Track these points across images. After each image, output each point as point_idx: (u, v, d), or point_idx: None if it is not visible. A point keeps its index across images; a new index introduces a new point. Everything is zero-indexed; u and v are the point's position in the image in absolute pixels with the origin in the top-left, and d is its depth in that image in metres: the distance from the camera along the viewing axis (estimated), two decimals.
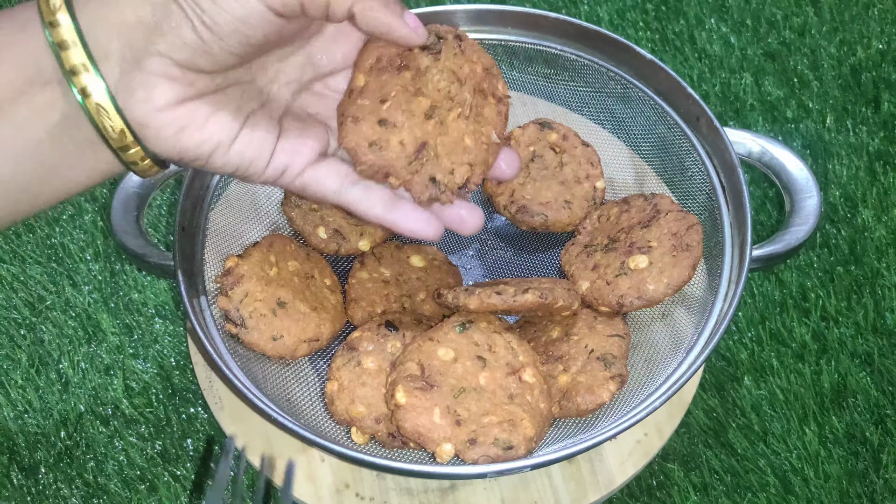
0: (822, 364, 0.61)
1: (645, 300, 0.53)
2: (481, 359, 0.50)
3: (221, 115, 0.39)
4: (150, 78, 0.37)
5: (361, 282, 0.58)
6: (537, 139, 0.62)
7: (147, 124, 0.38)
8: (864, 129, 0.71)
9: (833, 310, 0.63)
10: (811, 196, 0.58)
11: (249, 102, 0.41)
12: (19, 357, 0.61)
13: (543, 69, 0.63)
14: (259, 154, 0.41)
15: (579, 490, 0.54)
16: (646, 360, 0.54)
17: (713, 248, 0.56)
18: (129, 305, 0.63)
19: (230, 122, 0.40)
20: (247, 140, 0.40)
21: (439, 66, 0.43)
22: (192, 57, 0.37)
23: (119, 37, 0.37)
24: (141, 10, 0.36)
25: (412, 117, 0.43)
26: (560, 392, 0.51)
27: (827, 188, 0.68)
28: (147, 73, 0.37)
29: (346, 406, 0.50)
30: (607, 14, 0.76)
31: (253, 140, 0.41)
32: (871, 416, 0.59)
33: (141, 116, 0.38)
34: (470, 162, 0.44)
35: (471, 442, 0.47)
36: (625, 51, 0.60)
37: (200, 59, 0.37)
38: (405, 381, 0.48)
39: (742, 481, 0.57)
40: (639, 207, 0.58)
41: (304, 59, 0.43)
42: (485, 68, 0.45)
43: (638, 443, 0.55)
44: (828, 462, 0.57)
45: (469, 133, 0.44)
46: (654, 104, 0.60)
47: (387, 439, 0.50)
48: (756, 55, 0.74)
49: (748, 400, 0.60)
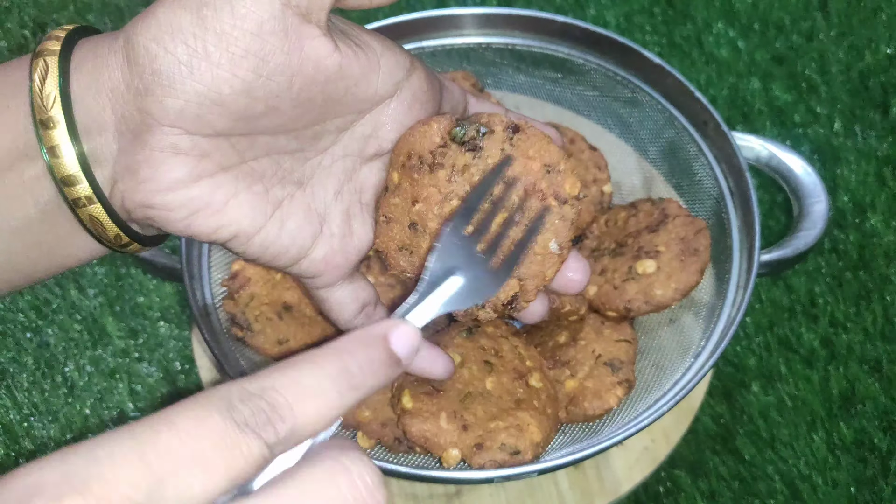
0: (830, 370, 0.60)
1: (653, 305, 0.53)
2: (488, 363, 0.50)
3: (245, 199, 0.34)
4: (153, 154, 0.31)
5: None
6: None
7: (152, 206, 0.32)
8: (872, 134, 0.70)
9: (841, 316, 0.63)
10: (819, 201, 0.58)
11: (284, 182, 0.35)
12: (25, 360, 0.61)
13: (551, 73, 0.63)
14: (287, 250, 0.36)
15: (586, 496, 0.54)
16: (653, 366, 0.54)
17: (721, 253, 0.56)
18: (135, 309, 0.63)
19: (255, 210, 0.34)
20: (274, 232, 0.35)
21: (480, 164, 0.38)
22: (200, 115, 0.31)
23: (112, 106, 0.31)
24: (128, 72, 0.31)
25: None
26: (567, 397, 0.51)
27: (835, 193, 0.68)
28: (149, 149, 0.31)
29: (352, 410, 0.50)
30: (614, 18, 0.76)
31: (282, 235, 0.35)
32: (879, 423, 0.59)
33: (143, 199, 0.32)
34: (518, 276, 0.39)
35: (477, 447, 0.46)
36: (632, 54, 0.60)
37: (211, 115, 0.31)
38: (412, 386, 0.48)
39: (750, 488, 0.57)
40: (646, 212, 0.57)
41: (371, 129, 0.37)
42: (545, 165, 0.38)
43: (645, 449, 0.55)
44: (836, 469, 0.57)
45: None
46: (661, 108, 0.60)
47: (393, 444, 0.50)
48: (764, 59, 0.74)
49: (756, 406, 0.59)
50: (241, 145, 0.33)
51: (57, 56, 0.31)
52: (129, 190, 0.32)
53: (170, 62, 0.30)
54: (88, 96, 0.31)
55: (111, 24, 0.74)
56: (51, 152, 0.31)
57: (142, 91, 0.31)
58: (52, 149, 0.31)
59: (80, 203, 0.32)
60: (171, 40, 0.30)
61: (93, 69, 0.32)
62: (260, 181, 0.34)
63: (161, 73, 0.30)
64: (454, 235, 0.36)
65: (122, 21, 0.75)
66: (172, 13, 0.31)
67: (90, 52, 0.32)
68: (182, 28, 0.30)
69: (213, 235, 0.34)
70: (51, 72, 0.31)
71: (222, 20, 0.30)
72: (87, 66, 0.32)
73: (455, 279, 0.35)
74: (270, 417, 0.23)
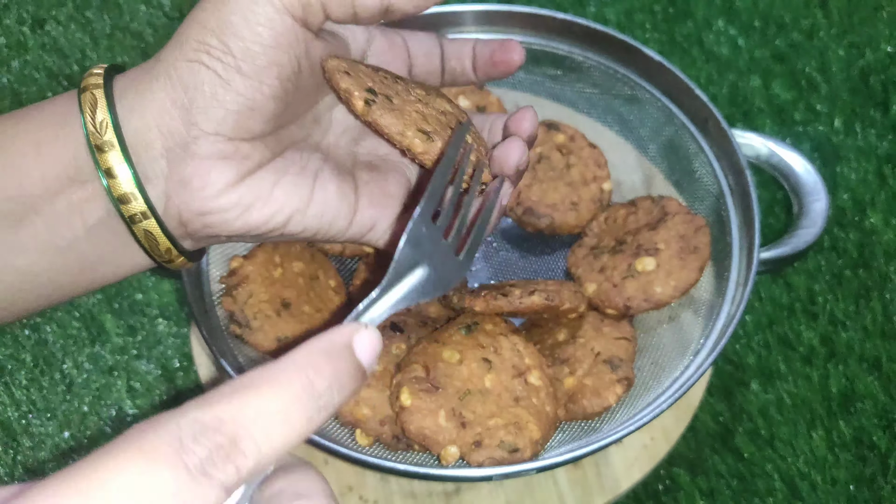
0: (829, 368, 0.60)
1: (652, 303, 0.53)
2: (487, 361, 0.49)
3: (287, 181, 0.37)
4: (202, 163, 0.35)
5: (366, 283, 0.58)
6: (544, 140, 0.62)
7: (209, 212, 0.36)
8: (872, 132, 0.70)
9: (841, 314, 0.62)
10: (819, 199, 0.58)
11: (313, 160, 0.39)
12: (23, 357, 0.61)
13: (550, 70, 0.62)
14: (338, 213, 0.38)
15: (585, 494, 0.54)
16: (652, 363, 0.53)
17: (721, 251, 0.56)
18: (133, 307, 0.63)
19: (299, 187, 0.37)
20: (321, 201, 0.38)
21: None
22: (239, 121, 0.35)
23: (158, 125, 0.35)
24: (172, 91, 0.34)
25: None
26: (566, 395, 0.51)
27: (835, 191, 0.67)
28: (198, 159, 0.35)
29: (351, 408, 0.50)
30: (614, 15, 0.76)
31: (328, 200, 0.38)
32: (879, 421, 0.59)
33: (201, 207, 0.35)
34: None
35: (476, 444, 0.46)
36: (632, 52, 0.60)
37: (249, 120, 0.35)
38: (410, 383, 0.48)
39: (749, 486, 0.57)
40: (646, 209, 0.57)
41: None
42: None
43: (644, 447, 0.55)
44: (835, 467, 0.57)
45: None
46: (661, 106, 0.60)
47: (391, 441, 0.50)
48: (764, 57, 0.74)
49: (755, 404, 0.59)
50: (269, 142, 0.37)
51: (102, 88, 0.35)
52: (185, 202, 0.35)
53: (210, 76, 0.34)
54: (135, 119, 0.35)
55: (110, 21, 0.74)
56: (107, 173, 0.34)
57: (187, 105, 0.34)
58: (108, 170, 0.34)
59: (136, 219, 0.35)
60: (208, 58, 0.34)
61: (136, 95, 0.35)
62: (294, 165, 0.38)
63: (203, 87, 0.34)
64: (421, 224, 0.34)
65: (121, 18, 0.74)
66: (202, 36, 0.34)
67: (131, 83, 0.36)
68: (211, 47, 0.34)
69: (270, 223, 0.37)
70: (99, 102, 0.35)
71: (244, 38, 0.34)
72: (129, 94, 0.35)
73: (420, 270, 0.33)
74: (230, 454, 0.20)
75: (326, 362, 0.24)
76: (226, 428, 0.20)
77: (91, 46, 0.73)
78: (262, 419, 0.21)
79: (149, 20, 0.75)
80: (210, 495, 0.20)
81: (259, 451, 0.21)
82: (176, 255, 0.38)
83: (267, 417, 0.21)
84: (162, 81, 0.35)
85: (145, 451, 0.19)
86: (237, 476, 0.20)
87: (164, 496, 0.19)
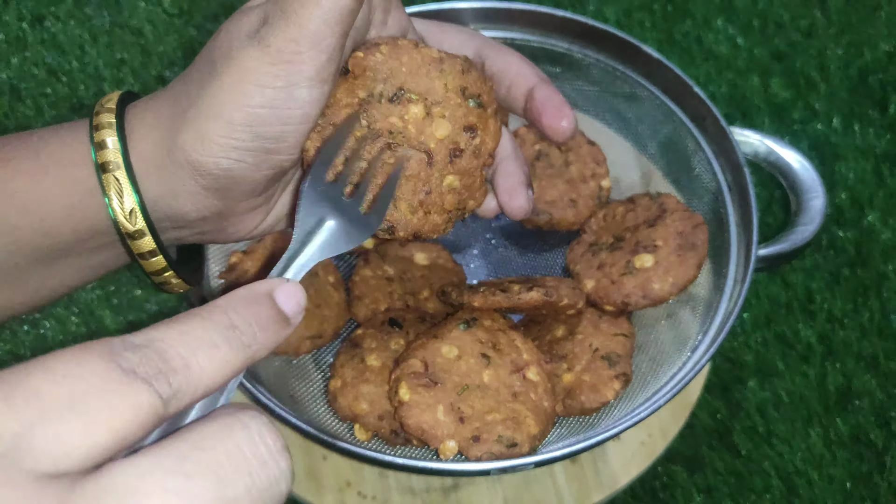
0: (827, 366, 0.61)
1: (650, 299, 0.53)
2: (485, 356, 0.50)
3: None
4: (237, 218, 0.37)
5: (365, 279, 0.58)
6: (543, 137, 0.62)
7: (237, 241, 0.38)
8: (871, 132, 0.70)
9: (839, 312, 0.63)
10: (817, 196, 0.58)
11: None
12: (23, 353, 0.61)
13: (550, 67, 0.62)
14: None
15: (583, 491, 0.54)
16: (650, 360, 0.54)
17: (719, 248, 0.56)
18: (132, 302, 0.63)
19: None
20: None
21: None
22: (268, 185, 0.36)
23: (195, 206, 0.36)
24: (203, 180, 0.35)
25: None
26: (564, 390, 0.51)
27: (833, 190, 0.68)
28: (234, 216, 0.37)
29: (349, 403, 0.50)
30: (614, 14, 0.76)
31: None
32: (875, 419, 0.59)
33: (228, 240, 0.39)
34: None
35: (474, 439, 0.46)
36: (632, 50, 0.60)
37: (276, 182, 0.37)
38: (409, 378, 0.48)
39: (746, 483, 0.57)
40: (644, 206, 0.57)
41: None
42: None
43: (642, 444, 0.55)
44: (832, 464, 0.57)
45: None
46: (660, 103, 0.60)
47: (390, 436, 0.50)
48: (763, 56, 0.74)
49: (753, 402, 0.59)
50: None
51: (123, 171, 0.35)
52: (214, 239, 0.38)
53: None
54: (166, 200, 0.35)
55: (109, 17, 0.74)
56: (140, 256, 0.36)
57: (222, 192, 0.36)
58: (140, 255, 0.36)
59: (158, 273, 0.37)
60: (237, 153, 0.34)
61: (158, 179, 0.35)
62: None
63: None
64: (315, 183, 0.36)
65: (120, 14, 0.75)
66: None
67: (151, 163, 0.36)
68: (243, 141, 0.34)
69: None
70: (125, 189, 0.35)
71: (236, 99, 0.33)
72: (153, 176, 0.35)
73: (327, 224, 0.35)
74: (161, 367, 0.21)
75: (245, 305, 0.25)
76: (155, 345, 0.21)
77: (90, 43, 0.73)
78: (189, 341, 0.22)
79: (148, 17, 0.75)
80: (143, 395, 0.20)
81: (188, 369, 0.22)
82: (178, 283, 0.39)
83: (193, 341, 0.22)
84: (189, 171, 0.35)
85: (80, 348, 0.20)
86: (169, 388, 0.21)
87: (96, 384, 0.19)
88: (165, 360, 0.21)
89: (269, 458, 0.21)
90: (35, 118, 0.69)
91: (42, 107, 0.70)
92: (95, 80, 0.71)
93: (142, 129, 0.35)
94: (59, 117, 0.69)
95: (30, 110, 0.69)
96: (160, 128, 0.34)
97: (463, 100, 0.38)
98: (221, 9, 0.76)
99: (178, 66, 0.72)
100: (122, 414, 0.19)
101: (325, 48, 0.32)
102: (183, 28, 0.74)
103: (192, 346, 0.22)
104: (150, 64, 0.72)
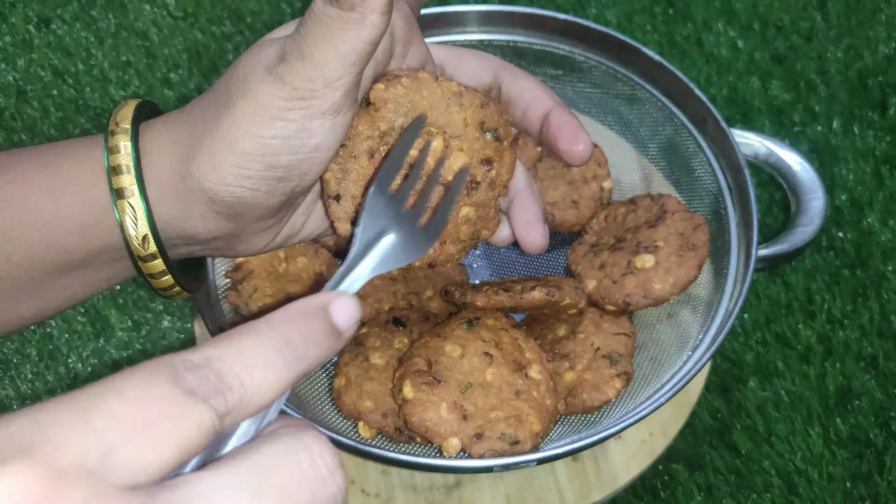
0: (826, 366, 0.61)
1: (651, 299, 0.53)
2: (488, 355, 0.50)
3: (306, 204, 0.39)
4: (248, 237, 0.37)
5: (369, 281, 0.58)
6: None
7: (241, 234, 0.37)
8: (870, 134, 0.71)
9: (839, 312, 0.63)
10: (817, 197, 0.58)
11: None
12: (29, 352, 0.61)
13: (552, 70, 0.63)
14: None
15: (584, 489, 0.54)
16: (651, 359, 0.54)
17: (719, 248, 0.56)
18: (138, 302, 0.63)
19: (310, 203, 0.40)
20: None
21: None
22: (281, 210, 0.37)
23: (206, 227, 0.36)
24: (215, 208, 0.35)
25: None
26: (566, 389, 0.51)
27: (833, 192, 0.68)
28: (245, 235, 0.37)
29: (354, 401, 0.51)
30: (615, 17, 0.77)
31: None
32: (875, 419, 0.59)
33: (247, 255, 0.39)
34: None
35: (477, 436, 0.47)
36: (633, 52, 0.60)
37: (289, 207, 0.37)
38: (413, 376, 0.48)
39: (746, 482, 0.57)
40: (645, 207, 0.58)
41: None
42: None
43: (643, 443, 0.56)
44: (832, 464, 0.57)
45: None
46: (661, 105, 0.61)
47: (393, 434, 0.50)
48: (763, 59, 0.75)
49: (753, 401, 0.60)
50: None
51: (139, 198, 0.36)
52: (228, 254, 0.39)
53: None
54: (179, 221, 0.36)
55: (115, 20, 0.75)
56: (150, 276, 0.37)
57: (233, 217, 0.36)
58: (150, 275, 0.37)
59: (165, 287, 0.38)
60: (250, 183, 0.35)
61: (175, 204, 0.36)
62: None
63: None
64: (379, 195, 0.36)
65: (126, 17, 0.75)
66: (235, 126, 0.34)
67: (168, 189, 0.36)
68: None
69: (296, 238, 0.40)
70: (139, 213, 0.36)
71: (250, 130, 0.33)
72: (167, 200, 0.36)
73: (388, 238, 0.35)
74: (218, 386, 0.22)
75: (302, 320, 0.26)
76: (213, 365, 0.23)
77: (96, 45, 0.74)
78: (244, 360, 0.23)
79: (153, 20, 0.75)
80: (204, 414, 0.22)
81: (243, 387, 0.23)
82: (178, 291, 0.39)
83: (248, 359, 0.24)
84: (201, 196, 0.35)
85: (145, 371, 0.22)
86: (225, 406, 0.22)
87: (163, 407, 0.21)
88: (222, 378, 0.23)
89: (328, 475, 0.23)
90: (41, 119, 0.70)
91: (48, 108, 0.70)
92: (101, 82, 0.72)
93: (157, 153, 0.35)
94: (65, 119, 0.70)
95: (36, 112, 0.70)
96: (175, 153, 0.35)
97: (481, 133, 0.39)
98: (226, 12, 0.76)
99: (183, 69, 0.73)
100: (187, 431, 0.21)
101: (340, 86, 0.33)
102: (188, 31, 0.75)
103: (247, 365, 0.23)
104: (156, 66, 0.73)
